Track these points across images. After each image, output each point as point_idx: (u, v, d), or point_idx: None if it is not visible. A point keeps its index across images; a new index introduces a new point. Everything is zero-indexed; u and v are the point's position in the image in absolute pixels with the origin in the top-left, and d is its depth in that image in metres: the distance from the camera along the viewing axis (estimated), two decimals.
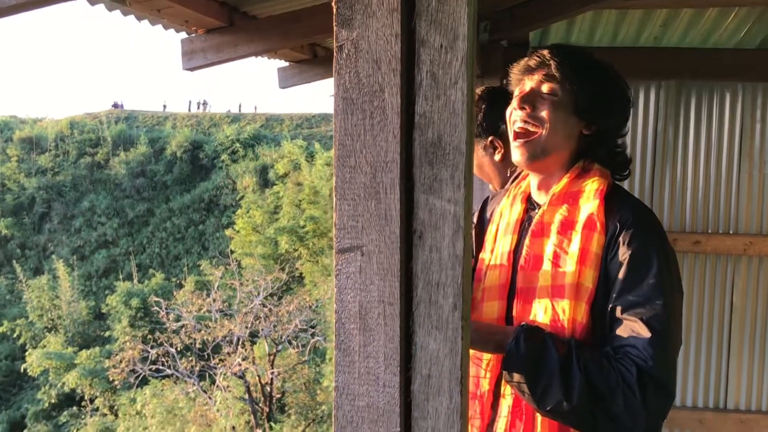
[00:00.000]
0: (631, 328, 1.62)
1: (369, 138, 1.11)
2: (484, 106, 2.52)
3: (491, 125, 2.48)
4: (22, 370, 28.08)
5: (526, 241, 1.83)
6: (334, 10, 1.12)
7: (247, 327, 19.39)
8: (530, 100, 1.80)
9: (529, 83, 1.83)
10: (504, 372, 1.66)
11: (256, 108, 55.23)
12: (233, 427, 18.25)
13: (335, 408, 1.16)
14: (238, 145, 41.07)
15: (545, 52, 1.84)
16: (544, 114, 1.78)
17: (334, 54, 1.13)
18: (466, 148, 1.10)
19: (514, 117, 1.83)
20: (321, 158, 34.58)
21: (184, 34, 2.88)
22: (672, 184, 3.93)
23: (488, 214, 2.12)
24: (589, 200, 1.76)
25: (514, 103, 1.83)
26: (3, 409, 29.64)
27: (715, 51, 3.94)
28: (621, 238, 1.69)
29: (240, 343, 19.08)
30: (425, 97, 1.11)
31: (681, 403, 4.01)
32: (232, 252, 29.42)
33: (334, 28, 1.13)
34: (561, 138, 1.81)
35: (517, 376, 1.63)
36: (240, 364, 18.37)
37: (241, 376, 18.59)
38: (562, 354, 1.61)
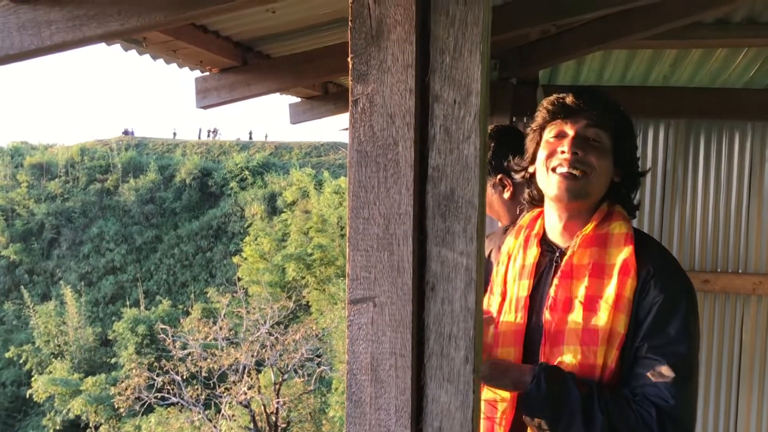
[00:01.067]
0: (655, 368, 1.64)
1: (383, 190, 1.13)
2: (493, 144, 2.54)
3: (500, 163, 2.49)
4: (27, 395, 27.97)
5: (555, 282, 1.82)
6: (350, 66, 1.14)
7: (253, 355, 19.30)
8: (581, 145, 1.80)
9: (572, 127, 1.83)
10: (524, 411, 1.66)
11: (266, 136, 55.54)
12: None
13: None
14: (247, 172, 41.25)
15: (585, 95, 1.85)
16: (593, 160, 1.79)
17: (350, 108, 1.15)
18: (479, 201, 1.12)
19: (559, 160, 1.81)
20: (329, 186, 34.65)
21: (198, 70, 2.92)
22: (681, 222, 3.93)
23: (486, 254, 2.11)
24: (620, 245, 1.78)
25: (564, 145, 1.81)
26: None
27: (724, 90, 3.96)
28: (653, 282, 1.71)
29: (246, 371, 18.99)
30: (438, 151, 1.12)
31: None
32: (239, 279, 29.41)
33: (350, 82, 1.15)
34: (603, 183, 1.83)
35: (537, 416, 1.64)
36: (245, 393, 18.27)
37: (247, 405, 18.49)
38: (584, 394, 1.62)
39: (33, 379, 28.38)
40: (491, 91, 3.56)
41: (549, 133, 1.87)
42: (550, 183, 1.83)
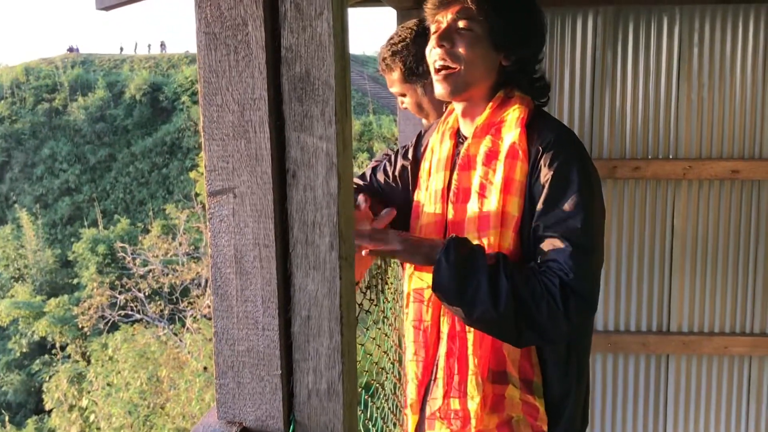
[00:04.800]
0: (553, 243, 1.66)
1: (235, 74, 1.07)
2: (423, 42, 2.46)
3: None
4: None
5: (455, 176, 1.85)
6: None
7: None
8: (447, 36, 1.79)
9: (444, 19, 1.82)
10: (433, 281, 1.68)
11: None
12: (205, 368, 18.36)
13: (215, 354, 1.14)
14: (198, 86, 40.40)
15: None
16: (461, 50, 1.78)
17: None
18: (336, 82, 1.07)
19: (434, 55, 1.82)
20: None
21: None
22: (611, 110, 3.92)
23: (422, 148, 2.11)
24: (511, 129, 1.78)
25: (433, 41, 1.82)
26: None
27: None
28: (542, 161, 1.72)
29: (208, 285, 19.10)
30: (291, 30, 1.06)
31: (625, 328, 4.07)
32: (197, 195, 29.19)
33: None
34: (481, 71, 1.81)
35: (445, 286, 1.66)
36: (209, 306, 18.41)
37: (210, 318, 18.67)
38: (491, 264, 1.64)
39: None
40: None
41: (431, 30, 1.87)
42: (434, 81, 1.85)
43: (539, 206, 1.70)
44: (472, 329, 1.76)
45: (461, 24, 1.79)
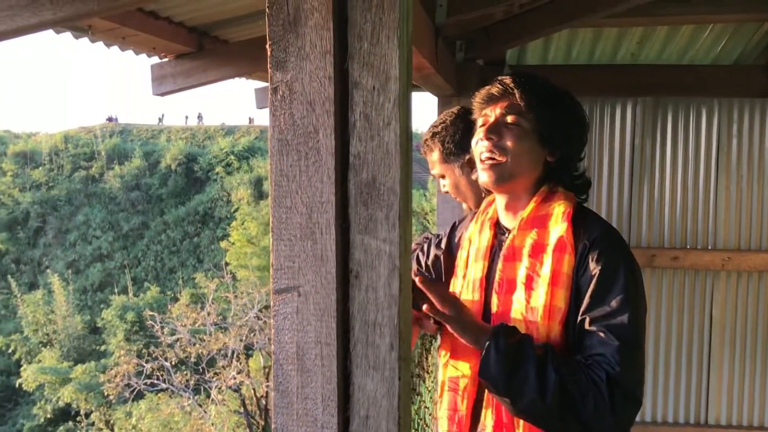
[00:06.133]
0: (600, 337, 1.67)
1: (304, 179, 1.12)
2: (461, 125, 2.53)
3: (467, 144, 2.48)
4: (17, 385, 27.98)
5: (499, 266, 1.87)
6: (269, 53, 1.13)
7: (242, 340, 19.33)
8: (495, 130, 1.84)
9: (492, 113, 1.87)
10: (480, 367, 1.68)
11: (252, 120, 55.30)
12: None
13: None
14: (232, 157, 41.12)
15: (508, 80, 1.87)
16: (509, 143, 1.82)
17: (269, 96, 1.14)
18: (401, 188, 1.11)
19: (480, 147, 1.86)
20: None
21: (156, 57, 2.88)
22: (650, 200, 3.94)
23: (457, 239, 2.14)
24: (558, 223, 1.80)
25: (480, 133, 1.87)
26: None
27: (692, 67, 3.97)
28: (590, 256, 1.74)
29: (235, 356, 19.01)
30: (359, 138, 1.11)
31: (662, 419, 4.00)
32: (227, 264, 29.39)
33: (269, 70, 1.13)
34: (526, 164, 1.85)
35: (493, 374, 1.65)
36: (235, 378, 18.30)
37: (237, 390, 18.53)
38: (539, 354, 1.65)
39: (22, 368, 28.38)
40: (458, 72, 3.57)
41: (478, 123, 1.92)
42: (479, 170, 1.89)
43: (586, 300, 1.72)
44: (520, 422, 1.75)
45: (509, 119, 1.84)
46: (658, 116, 3.93)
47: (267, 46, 1.13)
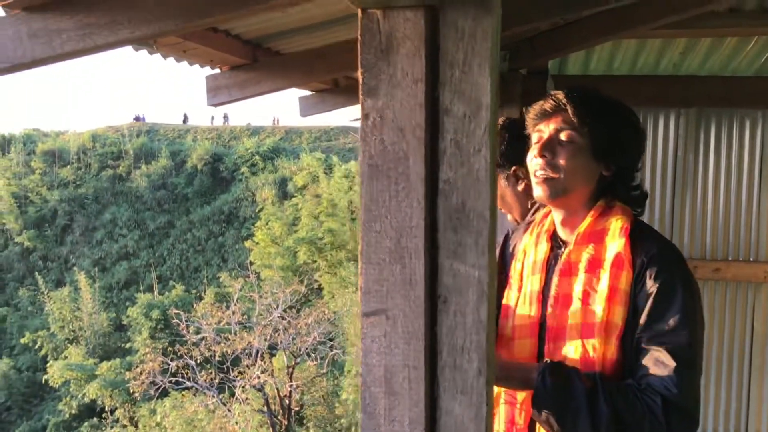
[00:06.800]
0: (656, 357, 1.67)
1: (394, 204, 1.13)
2: (507, 135, 2.53)
3: (514, 155, 2.48)
4: (43, 381, 28.29)
5: (555, 281, 1.87)
6: (360, 80, 1.15)
7: (266, 339, 19.42)
8: (549, 147, 1.84)
9: (546, 130, 1.87)
10: (533, 407, 1.70)
11: (276, 121, 55.52)
12: None
13: None
14: (257, 157, 41.33)
15: (560, 96, 1.87)
16: (562, 161, 1.82)
17: (361, 122, 1.15)
18: (490, 214, 1.12)
19: (535, 165, 1.86)
20: (339, 171, 34.72)
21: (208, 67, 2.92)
22: (692, 211, 3.92)
23: (511, 249, 2.14)
24: (615, 239, 1.80)
25: (534, 150, 1.87)
26: (24, 420, 29.83)
27: (735, 78, 3.93)
28: (647, 272, 1.73)
29: (259, 355, 19.11)
30: (449, 165, 1.13)
31: (702, 430, 3.98)
32: (251, 264, 29.53)
33: (360, 97, 1.15)
34: (581, 180, 1.85)
35: (545, 412, 1.67)
36: (259, 377, 18.38)
37: (260, 389, 18.61)
38: (589, 387, 1.65)
39: (48, 364, 28.67)
40: (502, 82, 3.56)
41: (533, 138, 1.92)
42: (533, 185, 1.89)
43: (643, 318, 1.71)
44: None
45: (563, 135, 1.84)
46: (701, 127, 3.92)
47: (359, 74, 1.15)
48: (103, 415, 25.20)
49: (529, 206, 2.47)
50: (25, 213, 41.42)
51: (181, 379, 19.83)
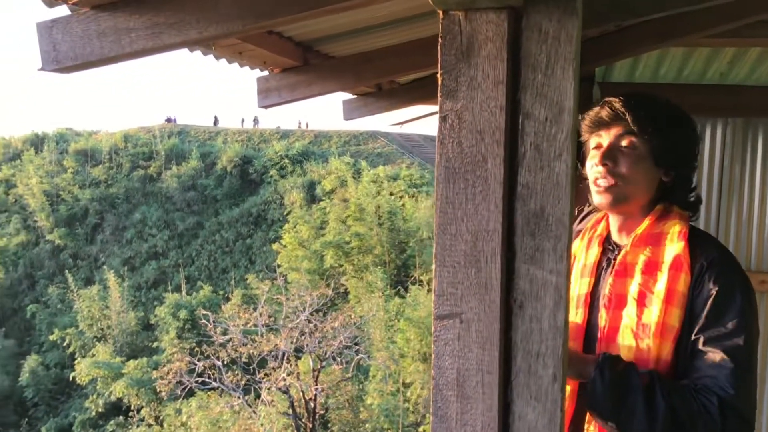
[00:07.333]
0: (713, 359, 1.66)
1: (471, 207, 1.13)
2: None
3: None
4: (70, 378, 28.53)
5: (609, 281, 1.87)
6: (439, 81, 1.14)
7: (292, 342, 19.46)
8: (610, 155, 1.84)
9: (606, 137, 1.87)
10: (588, 400, 1.69)
11: (306, 125, 55.72)
12: None
13: None
14: (286, 160, 41.53)
15: (618, 103, 1.87)
16: (624, 170, 1.83)
17: (438, 124, 1.15)
18: (569, 219, 1.11)
19: (595, 173, 1.87)
20: (367, 176, 34.77)
21: (258, 69, 2.93)
22: (738, 221, 3.87)
23: None
24: (674, 242, 1.80)
25: (595, 158, 1.87)
26: (51, 417, 30.14)
27: None
28: (707, 276, 1.74)
29: (285, 358, 19.15)
30: (528, 168, 1.12)
31: None
32: (278, 266, 29.63)
33: (439, 98, 1.14)
34: (642, 187, 1.86)
35: (600, 405, 1.67)
36: (285, 379, 18.41)
37: (286, 391, 18.64)
38: (645, 383, 1.65)
39: (76, 361, 28.95)
40: None
41: (591, 145, 1.92)
42: (592, 193, 1.90)
43: (701, 320, 1.71)
44: None
45: (624, 143, 1.84)
46: (748, 137, 3.87)
47: (438, 75, 1.14)
48: (129, 413, 25.39)
49: (575, 213, 2.45)
50: (56, 211, 41.94)
51: (207, 380, 19.92)
